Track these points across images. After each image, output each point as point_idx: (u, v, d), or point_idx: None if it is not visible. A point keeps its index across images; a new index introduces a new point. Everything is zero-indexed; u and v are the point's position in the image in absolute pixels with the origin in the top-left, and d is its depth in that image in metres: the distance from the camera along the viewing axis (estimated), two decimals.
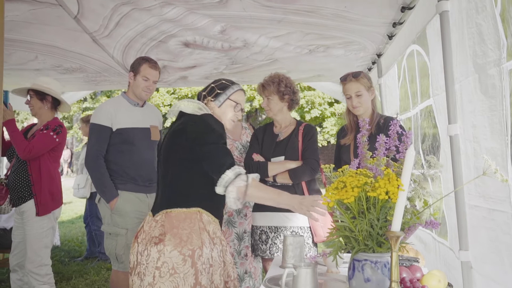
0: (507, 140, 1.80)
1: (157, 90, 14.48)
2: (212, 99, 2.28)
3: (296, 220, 2.85)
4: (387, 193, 1.34)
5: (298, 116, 15.53)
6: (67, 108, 3.77)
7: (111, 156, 3.11)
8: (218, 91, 2.29)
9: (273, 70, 3.76)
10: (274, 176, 2.86)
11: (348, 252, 1.51)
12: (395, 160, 1.55)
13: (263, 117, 19.40)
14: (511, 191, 1.79)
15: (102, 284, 4.84)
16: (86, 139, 5.67)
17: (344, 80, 2.75)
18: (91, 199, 5.60)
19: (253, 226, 3.01)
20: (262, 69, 4.37)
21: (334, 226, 1.51)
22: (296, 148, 2.91)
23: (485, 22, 1.89)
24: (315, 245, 2.90)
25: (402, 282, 1.54)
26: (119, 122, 3.10)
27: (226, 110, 2.30)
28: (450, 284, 1.71)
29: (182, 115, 2.26)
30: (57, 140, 3.43)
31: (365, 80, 2.71)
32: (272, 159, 2.91)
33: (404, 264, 1.88)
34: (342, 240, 1.48)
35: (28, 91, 3.54)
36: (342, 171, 1.52)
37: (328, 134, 15.85)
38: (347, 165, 1.56)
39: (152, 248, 2.00)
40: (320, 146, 15.88)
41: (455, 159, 2.21)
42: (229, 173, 2.03)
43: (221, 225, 2.22)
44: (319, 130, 16.35)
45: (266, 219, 2.91)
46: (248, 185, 2.02)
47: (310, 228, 2.85)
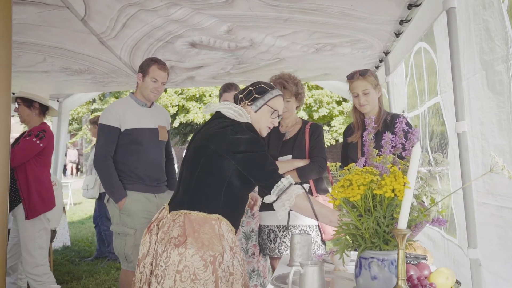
0: None
1: (165, 90, 14.52)
2: (249, 103, 2.17)
3: (305, 219, 2.85)
4: (393, 190, 1.34)
5: (306, 115, 15.50)
6: (55, 113, 3.83)
7: (119, 156, 3.13)
8: (256, 95, 2.17)
9: (280, 70, 3.77)
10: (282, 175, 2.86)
11: (355, 250, 1.51)
12: (401, 157, 1.55)
13: None
14: None
15: (112, 283, 4.88)
16: (95, 140, 5.72)
17: (351, 78, 2.74)
18: (100, 200, 5.64)
19: (260, 225, 3.01)
20: (269, 68, 4.37)
21: (341, 224, 1.51)
22: (303, 146, 2.91)
23: (492, 18, 1.88)
24: (324, 243, 2.90)
25: (409, 279, 1.53)
26: (127, 122, 3.12)
27: (263, 116, 2.18)
28: (458, 282, 1.70)
29: (219, 116, 2.17)
30: (40, 145, 3.48)
31: (372, 78, 2.70)
32: (280, 158, 2.92)
33: (412, 262, 1.87)
34: (349, 238, 1.48)
35: (16, 99, 3.59)
36: (348, 169, 1.52)
37: (337, 132, 15.80)
38: (353, 163, 1.56)
39: (172, 250, 1.94)
40: (329, 145, 15.83)
41: (463, 156, 2.20)
42: (284, 181, 1.98)
43: (236, 235, 2.17)
44: (327, 129, 16.31)
45: (274, 218, 2.91)
46: (307, 193, 1.96)
47: (318, 226, 2.85)
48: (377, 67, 4.51)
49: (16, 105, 3.60)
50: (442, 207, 2.67)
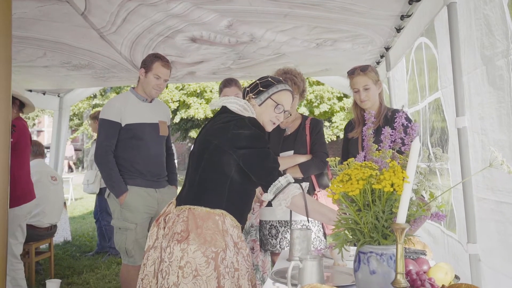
0: None
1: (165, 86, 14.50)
2: (253, 96, 2.14)
3: None
4: (392, 185, 1.34)
5: (307, 111, 15.48)
6: (31, 109, 3.82)
7: (120, 151, 3.14)
8: (261, 88, 2.13)
9: (280, 65, 3.76)
10: (284, 171, 2.86)
11: (355, 245, 1.51)
12: (401, 152, 1.55)
13: None
14: None
15: (112, 278, 4.90)
16: (95, 135, 5.73)
17: (351, 74, 2.73)
18: (100, 195, 5.65)
19: (261, 220, 3.01)
20: (269, 63, 4.36)
21: (339, 219, 1.51)
22: (305, 142, 2.91)
23: (493, 12, 1.87)
24: (326, 237, 2.91)
25: (408, 274, 1.53)
26: (128, 117, 3.13)
27: (267, 109, 2.13)
28: (457, 277, 1.71)
29: (224, 111, 2.15)
30: (11, 140, 3.46)
31: (372, 73, 2.70)
32: (281, 154, 2.92)
33: (411, 257, 1.87)
34: (348, 233, 1.48)
35: None
36: (348, 164, 1.52)
37: (337, 128, 15.77)
38: (353, 158, 1.56)
39: (175, 246, 1.94)
40: (329, 140, 15.81)
41: (463, 151, 2.20)
42: (281, 179, 1.96)
43: (242, 230, 2.15)
44: (328, 125, 16.29)
45: (275, 213, 2.90)
46: (304, 193, 1.95)
47: None
48: (378, 63, 4.50)
49: None
50: (442, 202, 2.67)
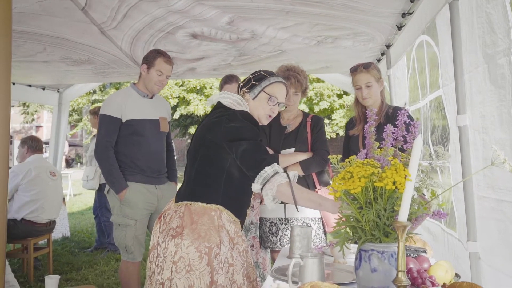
0: None
1: None
2: (247, 90, 2.14)
3: (307, 211, 2.85)
4: (394, 183, 1.34)
5: (307, 108, 15.48)
6: None
7: (120, 147, 3.13)
8: (254, 82, 2.14)
9: (281, 62, 3.75)
10: (285, 168, 2.85)
11: (355, 243, 1.51)
12: (402, 150, 1.54)
13: None
14: None
15: (111, 274, 4.89)
16: (95, 131, 5.72)
17: (354, 71, 2.73)
18: (100, 191, 5.65)
19: (262, 218, 3.01)
20: (270, 60, 4.36)
21: (341, 216, 1.51)
22: (306, 139, 2.90)
23: (495, 11, 1.87)
24: (326, 235, 2.91)
25: (409, 272, 1.54)
26: (129, 113, 3.12)
27: (261, 103, 2.13)
28: (457, 275, 1.71)
29: (219, 106, 2.15)
30: None
31: (375, 71, 2.69)
32: (282, 151, 2.91)
33: (412, 255, 1.87)
34: (349, 231, 1.48)
35: None
36: (349, 162, 1.52)
37: (337, 126, 15.80)
38: (354, 155, 1.56)
39: (169, 241, 1.96)
40: (329, 138, 15.83)
41: (464, 150, 2.20)
42: (268, 169, 1.93)
43: (242, 226, 2.15)
44: (327, 122, 16.29)
45: (276, 210, 2.91)
46: (291, 182, 1.92)
47: (321, 219, 2.85)
48: (378, 60, 4.49)
49: None
50: (443, 200, 2.67)
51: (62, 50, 3.96)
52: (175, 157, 4.40)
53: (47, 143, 10.23)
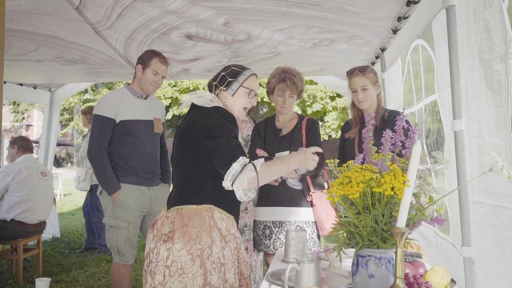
0: None
1: None
2: (224, 88, 2.15)
3: (301, 215, 2.83)
4: (392, 188, 1.33)
5: (299, 110, 15.49)
6: None
7: (114, 148, 3.10)
8: (230, 79, 2.16)
9: (276, 64, 3.74)
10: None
11: (352, 247, 1.49)
12: (400, 155, 1.54)
13: (264, 110, 19.36)
14: None
15: (102, 276, 4.84)
16: (86, 130, 5.66)
17: (350, 74, 2.73)
18: (91, 191, 5.60)
19: (255, 220, 2.99)
20: (265, 62, 4.35)
21: (338, 221, 1.50)
22: (301, 142, 2.89)
23: (492, 17, 1.87)
24: (319, 239, 2.90)
25: (405, 278, 1.53)
26: (123, 114, 3.09)
27: (240, 98, 2.17)
28: (453, 280, 1.71)
29: (193, 107, 2.17)
30: None
31: (371, 74, 2.69)
32: (277, 154, 2.90)
33: (407, 260, 1.87)
34: (346, 236, 1.47)
35: None
36: (347, 166, 1.51)
37: (330, 128, 15.82)
38: (352, 160, 1.55)
39: (161, 246, 1.96)
40: (322, 140, 15.84)
41: (459, 154, 2.20)
42: (235, 165, 1.94)
43: (237, 221, 2.15)
44: (320, 124, 16.31)
45: (269, 213, 2.90)
46: (258, 173, 1.94)
47: (315, 222, 2.83)
48: (373, 64, 4.50)
49: None
50: (438, 205, 2.68)
51: (55, 49, 3.92)
52: (169, 158, 4.37)
53: (37, 142, 10.12)
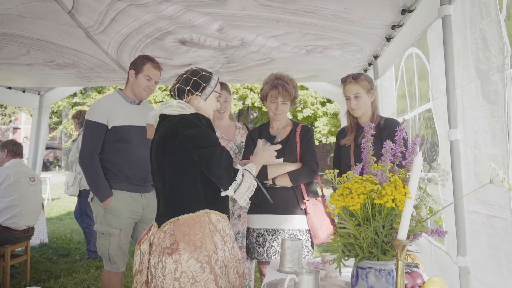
0: (509, 147, 1.79)
1: None
2: (199, 93, 2.20)
3: (295, 222, 2.81)
4: (393, 200, 1.32)
5: (290, 115, 15.52)
6: None
7: (106, 154, 3.05)
8: (204, 84, 2.21)
9: (269, 70, 3.73)
10: (274, 179, 2.82)
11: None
12: (400, 166, 1.53)
13: (254, 115, 19.36)
14: (511, 198, 1.78)
15: (91, 283, 4.77)
16: (75, 135, 5.60)
17: (344, 81, 2.73)
18: (80, 196, 5.53)
19: (249, 228, 2.96)
20: (258, 68, 4.34)
21: (337, 232, 1.48)
22: (295, 150, 2.87)
23: (489, 27, 1.88)
24: (313, 247, 2.87)
25: None
26: (115, 119, 3.04)
27: (212, 102, 2.26)
28: None
29: (164, 118, 2.20)
30: None
31: (365, 82, 2.68)
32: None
33: (405, 270, 1.86)
34: (346, 248, 1.45)
35: None
36: (347, 177, 1.50)
37: (320, 133, 15.86)
38: (348, 168, 1.54)
39: (167, 259, 1.96)
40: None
41: (455, 164, 2.20)
42: (239, 176, 2.07)
43: (229, 218, 2.22)
44: None
45: (263, 221, 2.87)
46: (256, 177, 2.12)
47: (309, 230, 2.81)
48: (365, 70, 4.51)
49: None
50: (438, 216, 2.68)
51: (46, 53, 3.86)
52: None
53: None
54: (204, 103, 2.22)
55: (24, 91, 6.09)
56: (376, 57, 4.06)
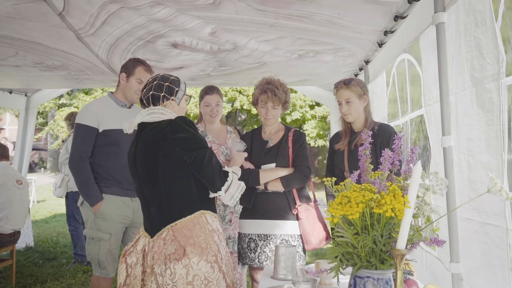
0: (503, 155, 1.80)
1: None
2: (174, 98, 2.25)
3: (287, 228, 2.80)
4: (393, 209, 1.31)
5: (279, 118, 15.54)
6: None
7: (96, 158, 3.00)
8: (176, 88, 2.26)
9: (261, 74, 3.72)
10: (266, 184, 2.81)
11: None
12: (397, 174, 1.53)
13: (243, 117, 19.34)
14: (506, 206, 1.79)
15: (78, 287, 4.70)
16: (62, 136, 5.52)
17: (336, 86, 2.73)
18: (68, 199, 5.45)
19: (240, 233, 2.94)
20: (249, 72, 4.33)
21: (335, 241, 1.47)
22: (287, 155, 2.86)
23: (484, 36, 1.89)
24: (305, 252, 2.86)
25: None
26: (106, 123, 3.00)
27: (183, 105, 2.32)
28: None
29: (145, 126, 2.21)
30: None
31: (357, 88, 2.68)
32: (263, 166, 2.86)
33: None
34: (344, 257, 1.44)
35: None
36: (344, 185, 1.49)
37: (308, 136, 15.88)
38: (341, 172, 1.53)
39: (176, 265, 1.97)
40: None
41: (448, 171, 2.21)
42: (230, 177, 2.15)
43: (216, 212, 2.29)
44: None
45: (254, 226, 2.85)
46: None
47: (301, 236, 2.80)
48: (356, 75, 4.53)
49: None
50: (435, 224, 2.69)
51: (35, 55, 3.80)
52: None
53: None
54: (178, 107, 2.27)
55: (10, 92, 6.00)
56: (367, 62, 4.08)
